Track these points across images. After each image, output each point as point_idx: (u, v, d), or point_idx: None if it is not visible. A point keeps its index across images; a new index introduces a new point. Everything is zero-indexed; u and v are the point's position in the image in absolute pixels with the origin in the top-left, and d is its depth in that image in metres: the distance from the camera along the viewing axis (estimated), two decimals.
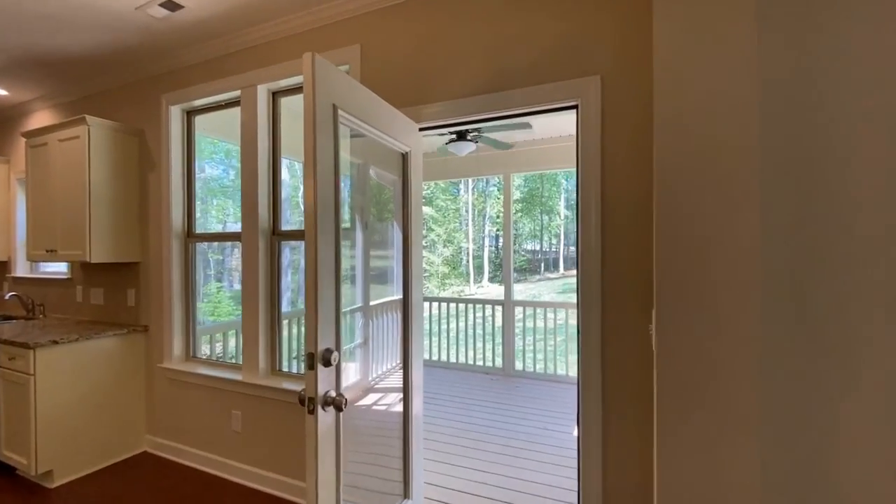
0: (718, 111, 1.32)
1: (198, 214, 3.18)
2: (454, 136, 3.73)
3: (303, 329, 2.89)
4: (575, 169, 4.93)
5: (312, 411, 1.34)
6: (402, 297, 2.12)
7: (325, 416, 1.37)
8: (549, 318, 5.19)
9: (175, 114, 2.98)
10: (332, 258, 1.42)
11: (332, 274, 1.42)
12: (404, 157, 2.03)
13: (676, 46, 1.37)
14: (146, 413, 3.12)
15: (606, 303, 1.80)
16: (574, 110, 1.88)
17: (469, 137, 3.72)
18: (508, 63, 1.95)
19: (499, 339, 5.34)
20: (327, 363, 1.36)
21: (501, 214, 22.28)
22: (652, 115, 1.70)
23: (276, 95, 2.69)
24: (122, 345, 3.00)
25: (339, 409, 1.38)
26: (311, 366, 1.34)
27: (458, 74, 2.06)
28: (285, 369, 2.72)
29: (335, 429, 1.42)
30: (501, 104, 1.94)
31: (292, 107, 2.75)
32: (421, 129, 2.15)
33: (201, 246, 3.36)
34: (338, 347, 1.44)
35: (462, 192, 23.34)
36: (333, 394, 1.39)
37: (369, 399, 2.25)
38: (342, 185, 2.81)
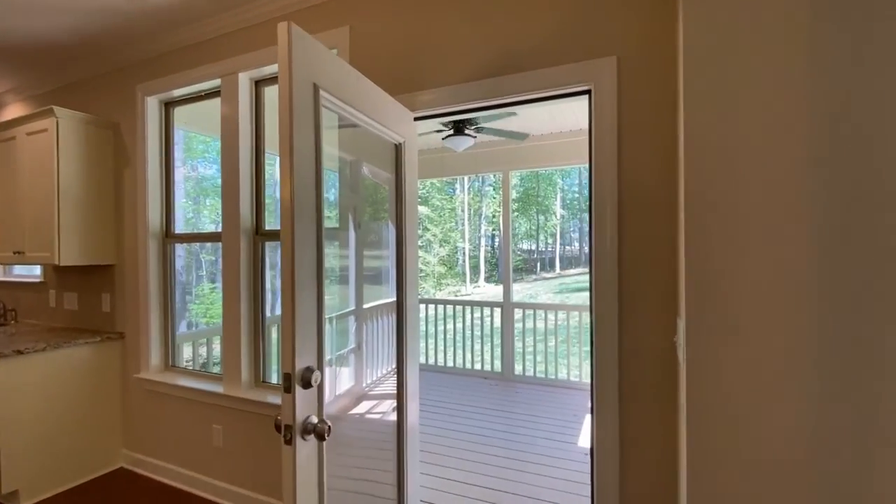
0: (761, 104, 1.14)
1: (190, 215, 2.98)
2: (451, 131, 3.54)
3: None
4: (575, 166, 4.76)
5: (290, 441, 1.14)
6: (391, 301, 1.94)
7: (305, 447, 1.18)
8: (550, 319, 5.01)
9: (151, 105, 2.77)
10: (312, 262, 1.22)
11: (313, 280, 1.22)
12: (397, 149, 1.84)
13: (708, 31, 1.19)
14: (122, 427, 2.91)
15: (624, 306, 1.62)
16: (586, 96, 1.69)
17: (467, 132, 3.53)
18: (513, 44, 1.76)
19: (497, 341, 5.16)
20: (307, 384, 1.17)
21: (497, 214, 22.20)
22: (676, 100, 1.51)
23: (259, 84, 2.49)
24: (95, 354, 2.79)
25: (321, 437, 1.19)
26: (287, 388, 1.15)
27: (457, 57, 1.87)
28: (273, 381, 2.52)
29: (317, 461, 1.22)
30: (505, 90, 1.75)
31: (277, 97, 2.55)
32: (417, 119, 1.96)
33: (194, 247, 3.15)
34: (320, 365, 1.24)
35: (458, 191, 23.19)
36: (315, 420, 1.20)
37: (363, 407, 2.10)
38: (329, 180, 2.59)
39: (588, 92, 1.68)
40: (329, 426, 1.19)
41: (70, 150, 2.73)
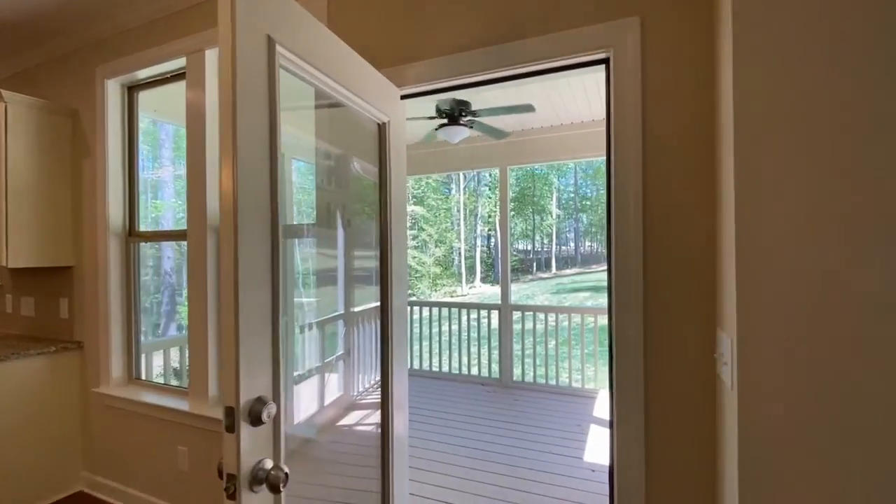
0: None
1: (181, 215, 2.69)
2: (445, 121, 3.28)
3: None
4: (580, 160, 4.51)
5: (233, 495, 0.88)
6: (379, 303, 1.70)
7: (255, 500, 0.91)
8: (550, 322, 4.76)
9: (112, 89, 2.49)
10: (265, 266, 0.96)
11: (266, 288, 0.96)
12: (381, 129, 1.57)
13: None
14: (82, 447, 2.62)
15: (650, 311, 1.36)
16: (603, 65, 1.44)
17: (462, 122, 3.27)
18: (517, 5, 1.51)
19: (494, 343, 4.89)
20: (257, 420, 0.91)
21: (493, 214, 21.98)
22: (716, 70, 1.26)
23: None
24: (50, 366, 2.51)
25: (275, 489, 0.92)
26: (229, 426, 0.88)
27: (450, 23, 1.61)
28: None
29: None
30: (507, 59, 1.49)
31: None
32: (405, 97, 1.70)
33: (184, 246, 2.86)
34: (276, 394, 0.98)
35: (453, 191, 22.95)
36: (269, 465, 0.93)
37: (351, 418, 1.91)
38: (305, 171, 2.30)
39: (605, 61, 1.42)
40: (286, 473, 0.93)
41: (21, 139, 2.45)
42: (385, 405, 1.71)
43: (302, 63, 1.12)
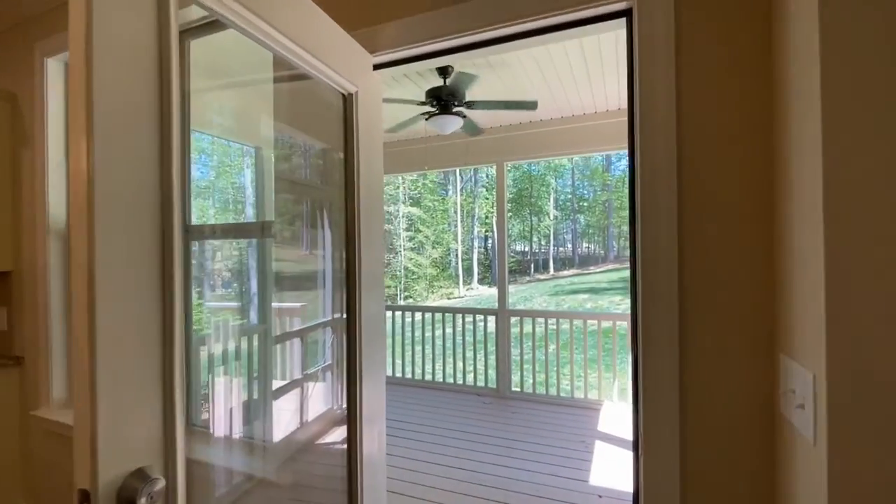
0: None
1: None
2: (436, 109, 2.98)
3: (256, 345, 2.16)
4: (583, 154, 4.21)
5: None
6: (346, 312, 1.42)
7: None
8: (551, 327, 4.46)
9: (54, 69, 2.18)
10: (145, 278, 0.65)
11: (152, 308, 0.66)
12: (347, 102, 1.27)
13: None
14: (22, 477, 2.31)
15: (688, 327, 1.07)
16: (624, 19, 1.14)
17: (455, 111, 2.98)
18: None
19: (491, 348, 4.58)
20: None
21: (490, 215, 21.74)
22: (778, 22, 0.97)
23: (183, 35, 1.92)
24: None
25: None
26: None
27: None
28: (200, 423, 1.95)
29: None
30: (500, 14, 1.19)
31: (205, 57, 1.96)
32: (379, 67, 1.40)
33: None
34: (168, 463, 0.67)
35: (450, 192, 22.69)
36: None
37: (338, 434, 1.67)
38: (267, 160, 1.98)
39: (627, 12, 1.13)
40: None
41: None
42: (352, 421, 1.44)
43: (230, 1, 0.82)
